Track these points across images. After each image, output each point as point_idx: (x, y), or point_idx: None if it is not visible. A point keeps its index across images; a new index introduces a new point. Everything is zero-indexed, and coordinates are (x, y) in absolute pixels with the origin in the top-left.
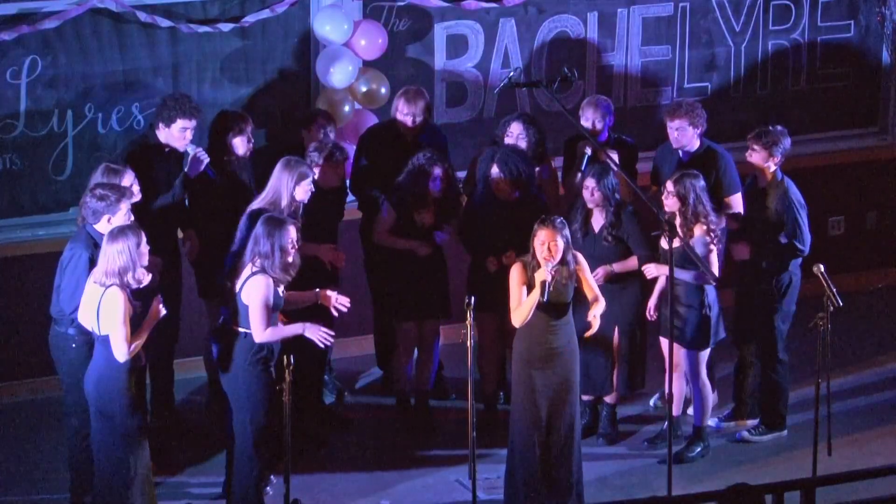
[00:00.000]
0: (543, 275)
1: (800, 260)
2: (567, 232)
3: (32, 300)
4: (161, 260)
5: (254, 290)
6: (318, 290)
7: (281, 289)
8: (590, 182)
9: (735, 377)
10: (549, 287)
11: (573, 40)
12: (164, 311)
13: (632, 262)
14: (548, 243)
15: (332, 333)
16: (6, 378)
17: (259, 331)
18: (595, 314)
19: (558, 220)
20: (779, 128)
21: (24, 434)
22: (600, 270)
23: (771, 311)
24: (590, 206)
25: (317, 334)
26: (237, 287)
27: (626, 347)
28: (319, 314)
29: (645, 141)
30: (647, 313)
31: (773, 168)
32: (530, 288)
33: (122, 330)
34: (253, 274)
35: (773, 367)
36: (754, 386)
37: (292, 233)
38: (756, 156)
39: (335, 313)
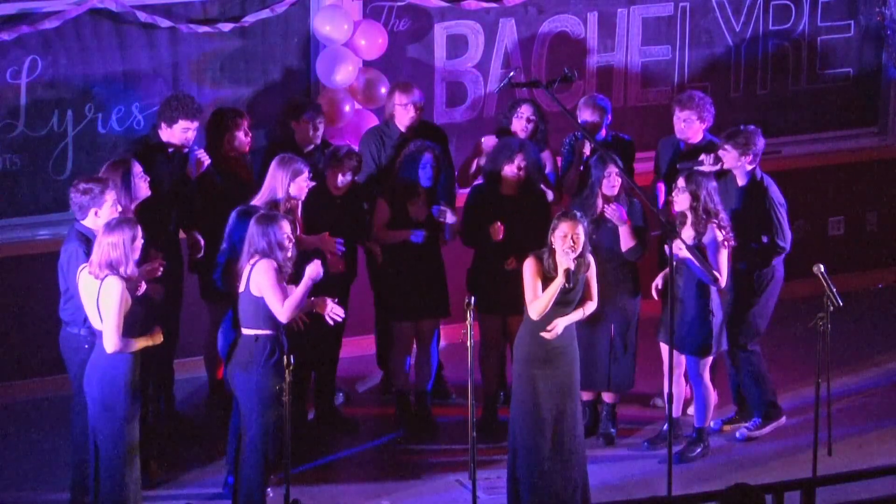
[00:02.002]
0: (567, 263)
1: (782, 257)
2: (586, 224)
3: (32, 300)
4: (162, 254)
5: (262, 276)
6: (313, 298)
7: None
8: (612, 169)
9: (729, 380)
10: (573, 274)
11: (573, 40)
12: (160, 339)
13: (626, 238)
14: (570, 235)
15: (342, 311)
16: (6, 378)
17: (280, 311)
18: (585, 311)
19: (578, 213)
20: (751, 127)
21: (24, 434)
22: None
23: (747, 305)
24: (609, 194)
25: (326, 310)
26: (241, 288)
27: (620, 347)
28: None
29: (644, 141)
30: (653, 289)
31: (748, 168)
32: (545, 281)
33: (114, 319)
34: (256, 262)
35: (746, 359)
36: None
37: (286, 227)
38: (727, 156)
39: (330, 322)
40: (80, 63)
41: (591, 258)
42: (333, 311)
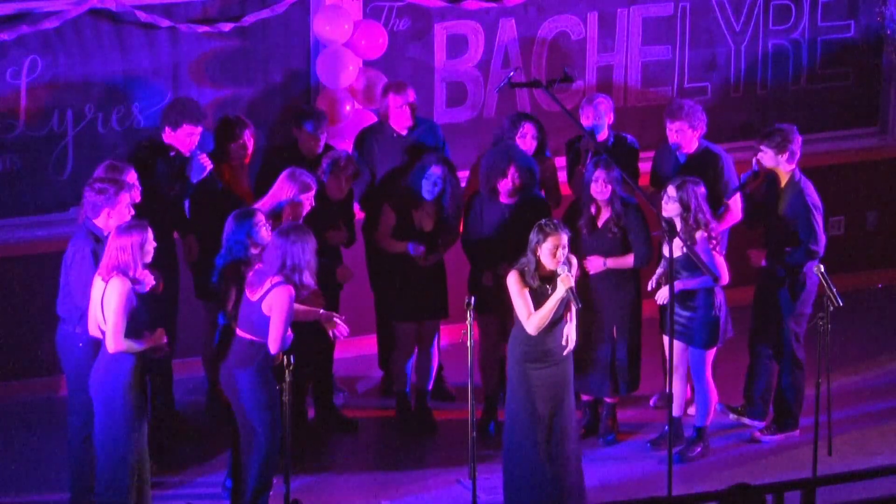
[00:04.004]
0: (568, 281)
1: (816, 262)
2: (567, 231)
3: (32, 300)
4: (159, 273)
5: (279, 302)
6: (321, 311)
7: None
8: (600, 174)
9: (747, 377)
10: (574, 290)
11: (573, 40)
12: (166, 351)
13: (627, 261)
14: (559, 247)
15: (346, 330)
16: (6, 378)
17: (278, 343)
18: (568, 334)
19: (557, 221)
20: (786, 126)
21: (24, 434)
22: (591, 260)
23: (786, 313)
24: (599, 198)
25: (331, 328)
26: (254, 297)
27: (623, 348)
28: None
29: (645, 141)
30: (649, 284)
31: (787, 169)
32: (534, 293)
33: (117, 319)
34: (278, 284)
35: (789, 369)
36: (765, 387)
37: (313, 239)
38: (765, 156)
39: (332, 336)
40: (80, 63)
41: (573, 258)
42: (339, 329)
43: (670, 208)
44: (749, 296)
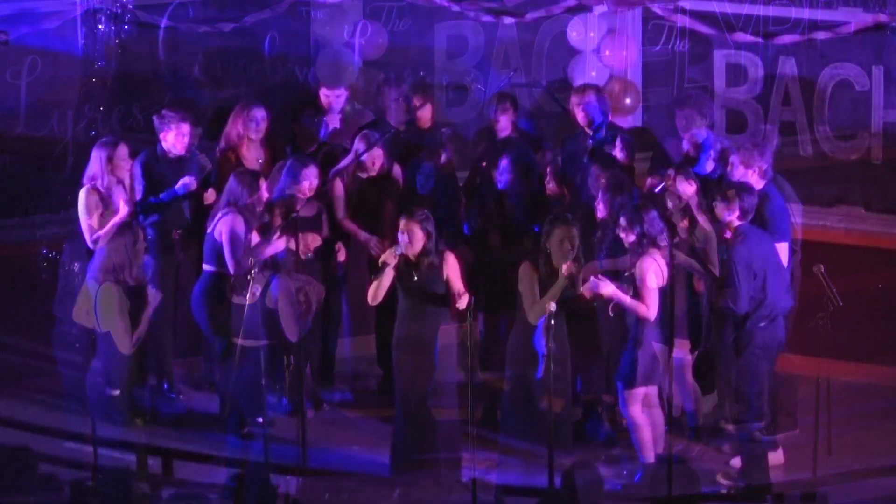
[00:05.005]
0: (568, 267)
1: (797, 258)
2: (578, 225)
3: (32, 300)
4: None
5: (285, 292)
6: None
7: None
8: (598, 171)
9: (737, 381)
10: (577, 280)
11: (573, 40)
12: (159, 295)
13: (622, 261)
14: (566, 239)
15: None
16: (5, 378)
17: (295, 331)
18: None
19: (569, 215)
20: (769, 126)
21: (23, 434)
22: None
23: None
24: (596, 195)
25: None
26: (252, 299)
27: (622, 348)
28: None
29: (644, 141)
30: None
31: (763, 167)
32: (541, 285)
33: (121, 323)
34: (273, 277)
35: (778, 368)
36: (758, 388)
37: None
38: (736, 172)
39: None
40: (80, 63)
41: (581, 258)
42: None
43: (688, 191)
44: None
